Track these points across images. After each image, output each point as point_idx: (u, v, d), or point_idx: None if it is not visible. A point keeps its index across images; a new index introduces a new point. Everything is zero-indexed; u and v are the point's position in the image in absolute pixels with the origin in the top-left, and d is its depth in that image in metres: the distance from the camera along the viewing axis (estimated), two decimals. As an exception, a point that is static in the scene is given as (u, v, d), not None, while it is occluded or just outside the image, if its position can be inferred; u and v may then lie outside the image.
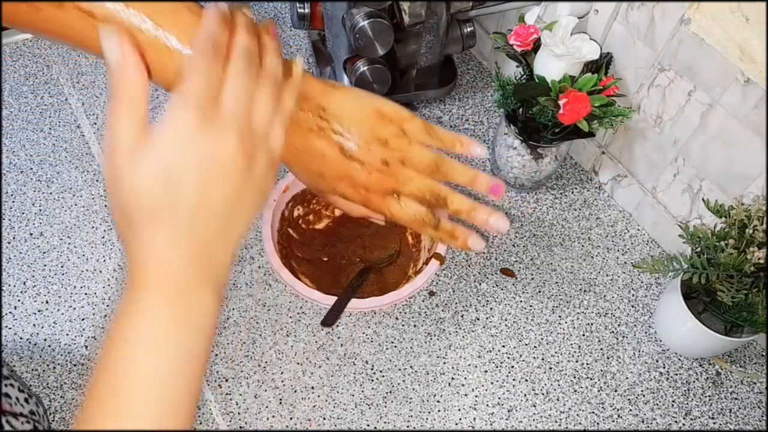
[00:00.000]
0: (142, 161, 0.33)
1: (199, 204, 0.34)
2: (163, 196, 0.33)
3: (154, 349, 0.33)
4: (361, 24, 0.72)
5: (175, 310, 0.34)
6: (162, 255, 0.34)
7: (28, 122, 0.86)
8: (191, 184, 0.33)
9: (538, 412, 0.67)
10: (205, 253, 0.35)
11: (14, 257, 0.74)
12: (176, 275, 0.34)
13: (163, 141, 0.33)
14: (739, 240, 0.59)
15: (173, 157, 0.33)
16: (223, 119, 0.34)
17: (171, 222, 0.33)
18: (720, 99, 0.63)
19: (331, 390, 0.67)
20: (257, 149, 0.36)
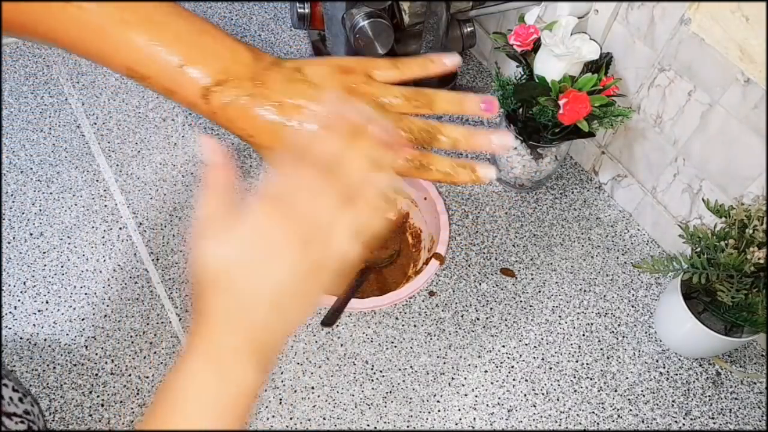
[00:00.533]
0: (221, 237, 0.37)
1: (252, 284, 0.37)
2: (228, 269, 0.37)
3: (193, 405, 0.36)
4: (361, 24, 0.72)
5: (218, 376, 0.37)
6: (213, 325, 0.37)
7: (28, 122, 0.86)
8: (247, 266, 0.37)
9: (538, 412, 0.67)
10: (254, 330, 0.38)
11: (14, 257, 0.74)
12: (222, 345, 0.37)
13: (240, 223, 0.37)
14: (739, 240, 0.59)
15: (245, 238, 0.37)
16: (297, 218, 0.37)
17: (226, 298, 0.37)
18: (720, 99, 0.63)
19: (331, 390, 0.67)
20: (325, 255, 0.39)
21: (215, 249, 0.37)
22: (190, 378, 0.37)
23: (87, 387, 0.66)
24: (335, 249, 0.39)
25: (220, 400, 0.36)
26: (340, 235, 0.39)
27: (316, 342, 0.70)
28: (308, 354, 0.69)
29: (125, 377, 0.66)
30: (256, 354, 0.38)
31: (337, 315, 0.70)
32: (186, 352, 0.37)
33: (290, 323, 0.39)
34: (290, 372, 0.67)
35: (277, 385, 0.67)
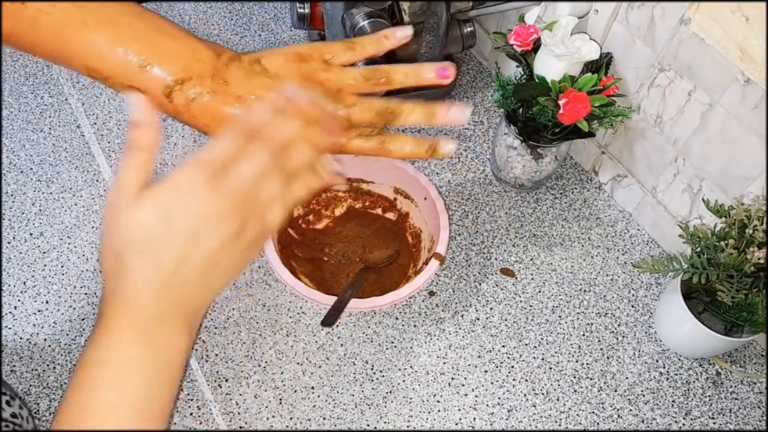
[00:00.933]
0: (146, 200, 0.36)
1: (185, 250, 0.36)
2: (157, 233, 0.36)
3: (122, 376, 0.35)
4: (361, 24, 0.72)
5: (143, 340, 0.36)
6: (140, 286, 0.36)
7: (28, 122, 0.86)
8: (183, 230, 0.36)
9: (538, 412, 0.67)
10: (179, 295, 0.37)
11: (14, 257, 0.74)
12: (148, 307, 0.36)
13: (168, 187, 0.36)
14: (739, 240, 0.59)
15: (174, 203, 0.36)
16: (227, 185, 0.37)
17: (156, 258, 0.36)
18: (720, 99, 0.63)
19: (331, 390, 0.67)
20: (250, 220, 0.38)
21: (138, 213, 0.36)
22: (115, 348, 0.36)
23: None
24: (263, 215, 0.39)
25: (149, 368, 0.36)
26: (268, 200, 0.39)
27: (316, 342, 0.70)
28: (308, 354, 0.69)
29: (125, 377, 0.66)
30: (182, 318, 0.37)
31: (337, 315, 0.70)
32: (107, 321, 0.36)
33: (216, 287, 0.39)
34: (290, 372, 0.67)
35: (277, 385, 0.67)
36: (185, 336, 0.37)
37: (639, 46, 0.69)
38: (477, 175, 0.85)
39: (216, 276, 0.38)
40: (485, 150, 0.87)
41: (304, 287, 0.70)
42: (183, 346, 0.37)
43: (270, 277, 0.74)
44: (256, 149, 0.39)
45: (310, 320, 0.71)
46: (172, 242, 0.36)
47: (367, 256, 0.77)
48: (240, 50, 0.95)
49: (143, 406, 0.36)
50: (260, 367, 0.68)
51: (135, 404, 0.35)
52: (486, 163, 0.86)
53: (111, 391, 0.35)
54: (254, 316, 0.71)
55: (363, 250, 0.78)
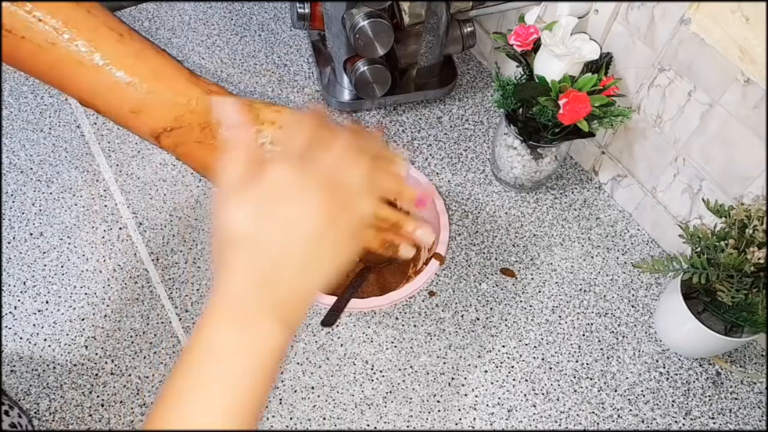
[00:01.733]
0: (243, 197, 0.37)
1: (281, 242, 0.37)
2: (253, 229, 0.37)
3: (221, 365, 0.36)
4: (361, 24, 0.72)
5: (241, 331, 0.37)
6: (239, 281, 0.37)
7: (28, 122, 0.86)
8: (278, 224, 0.37)
9: (538, 412, 0.67)
10: (278, 289, 0.38)
11: (14, 257, 0.74)
12: (248, 302, 0.37)
13: (263, 184, 0.37)
14: (739, 240, 0.59)
15: (268, 198, 0.37)
16: (318, 175, 0.38)
17: (254, 253, 0.37)
18: (720, 99, 0.63)
19: (331, 390, 0.67)
20: (344, 209, 0.39)
21: (238, 208, 0.37)
22: (216, 336, 0.37)
23: (87, 387, 0.66)
24: (352, 203, 0.40)
25: (248, 357, 0.36)
26: (355, 188, 0.40)
27: (316, 342, 0.70)
28: (308, 354, 0.69)
29: (125, 377, 0.66)
30: (281, 312, 0.38)
31: (337, 315, 0.70)
32: (209, 311, 0.37)
33: (314, 283, 0.39)
34: (290, 372, 0.67)
35: (277, 385, 0.67)
36: (281, 332, 0.38)
37: (639, 46, 0.69)
38: (477, 175, 0.85)
39: (313, 267, 0.39)
40: (485, 150, 0.87)
41: (304, 287, 0.69)
42: (278, 342, 0.37)
43: (270, 277, 0.74)
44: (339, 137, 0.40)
45: (310, 320, 0.71)
46: (269, 237, 0.37)
47: (367, 256, 0.77)
48: (240, 51, 0.96)
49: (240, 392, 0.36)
50: (260, 367, 0.68)
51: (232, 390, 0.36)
52: (486, 163, 0.86)
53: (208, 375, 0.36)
54: (254, 316, 0.71)
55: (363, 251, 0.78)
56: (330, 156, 0.39)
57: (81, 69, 0.43)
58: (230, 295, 0.37)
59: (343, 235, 0.39)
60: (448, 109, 0.92)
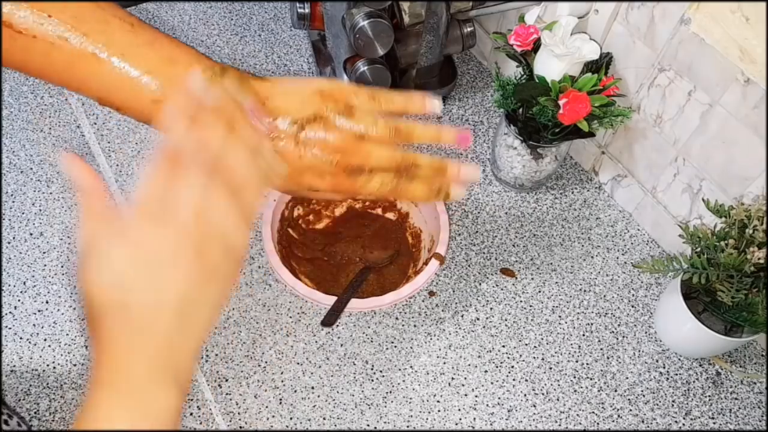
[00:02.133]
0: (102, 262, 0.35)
1: (149, 301, 0.35)
2: (115, 296, 0.34)
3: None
4: (361, 24, 0.72)
5: (131, 408, 0.35)
6: (117, 353, 0.35)
7: (28, 122, 0.86)
8: (139, 284, 0.34)
9: (538, 412, 0.67)
10: (161, 349, 0.35)
11: (14, 257, 0.74)
12: (130, 371, 0.35)
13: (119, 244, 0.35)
14: (739, 240, 0.59)
15: (127, 260, 0.35)
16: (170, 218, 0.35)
17: (124, 319, 0.35)
18: (720, 99, 0.63)
19: (331, 390, 0.67)
20: (208, 242, 0.36)
21: (101, 272, 0.35)
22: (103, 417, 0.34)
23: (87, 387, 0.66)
24: (226, 241, 0.37)
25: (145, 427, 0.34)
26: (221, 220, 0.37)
27: (316, 342, 0.70)
28: (308, 354, 0.69)
29: (125, 377, 0.66)
30: (168, 373, 0.36)
31: (337, 315, 0.70)
32: (92, 387, 0.35)
33: (198, 333, 0.37)
34: (290, 372, 0.67)
35: (277, 385, 0.67)
36: (173, 392, 0.36)
37: (639, 46, 0.69)
38: (477, 175, 0.85)
39: (195, 319, 0.36)
40: (485, 150, 0.87)
41: (304, 287, 0.70)
42: (172, 403, 0.35)
43: (270, 277, 0.74)
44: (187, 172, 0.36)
45: (310, 320, 0.71)
46: (137, 300, 0.34)
47: (367, 256, 0.77)
48: (240, 51, 0.96)
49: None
50: (260, 367, 0.68)
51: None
52: (486, 163, 0.86)
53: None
54: (254, 316, 0.71)
55: (363, 250, 0.78)
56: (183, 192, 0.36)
57: (96, 63, 0.42)
58: (113, 368, 0.35)
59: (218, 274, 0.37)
60: (448, 109, 0.92)
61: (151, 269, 0.35)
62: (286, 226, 0.78)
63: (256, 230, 0.76)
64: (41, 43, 0.42)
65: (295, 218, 0.79)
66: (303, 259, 0.77)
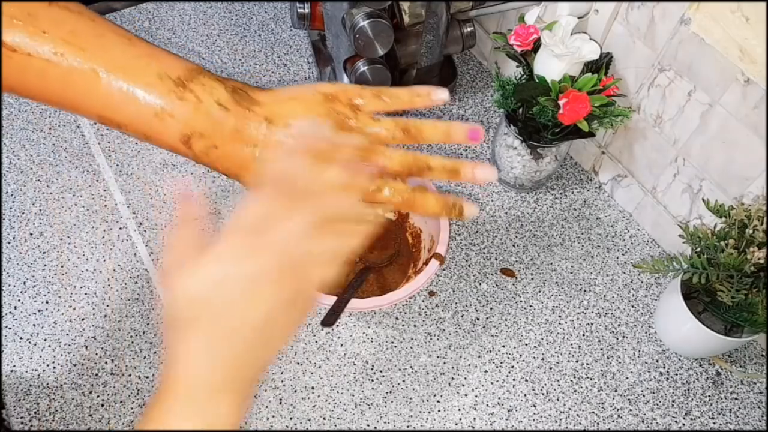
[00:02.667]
0: (193, 276, 0.36)
1: (232, 319, 0.36)
2: (204, 306, 0.36)
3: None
4: (361, 24, 0.72)
5: (193, 414, 0.36)
6: (192, 358, 0.36)
7: (28, 122, 0.86)
8: (230, 299, 0.35)
9: (538, 412, 0.67)
10: (236, 365, 0.37)
11: (14, 257, 0.74)
12: (199, 379, 0.36)
13: (212, 258, 0.36)
14: (739, 240, 0.59)
15: (219, 273, 0.36)
16: (266, 238, 0.36)
17: (207, 330, 0.36)
18: (720, 99, 0.63)
19: (331, 390, 0.67)
20: (299, 270, 0.37)
21: (188, 286, 0.36)
22: (167, 419, 0.35)
23: (87, 387, 0.66)
24: (311, 276, 0.38)
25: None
26: (315, 261, 0.38)
27: (316, 342, 0.70)
28: (308, 354, 0.69)
29: (125, 377, 0.66)
30: (235, 390, 0.37)
31: (337, 315, 0.70)
32: (163, 389, 0.36)
33: (269, 354, 0.39)
34: (290, 372, 0.67)
35: (277, 385, 0.67)
36: (237, 408, 0.37)
37: (639, 46, 0.69)
38: (477, 175, 0.85)
39: (272, 340, 0.38)
40: (485, 150, 0.87)
41: (304, 287, 0.69)
42: (233, 419, 0.37)
43: (270, 277, 0.74)
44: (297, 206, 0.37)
45: (310, 320, 0.71)
46: (221, 313, 0.35)
47: (367, 256, 0.77)
48: (240, 51, 0.96)
49: None
50: (260, 367, 0.68)
51: None
52: (486, 162, 0.86)
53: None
54: (254, 316, 0.71)
55: (363, 250, 0.78)
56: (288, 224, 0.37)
57: (95, 79, 0.41)
58: (185, 376, 0.36)
59: (298, 309, 0.38)
60: (448, 109, 0.92)
61: (242, 286, 0.36)
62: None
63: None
64: (37, 61, 0.41)
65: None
66: (303, 259, 0.77)
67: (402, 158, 0.46)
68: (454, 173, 0.48)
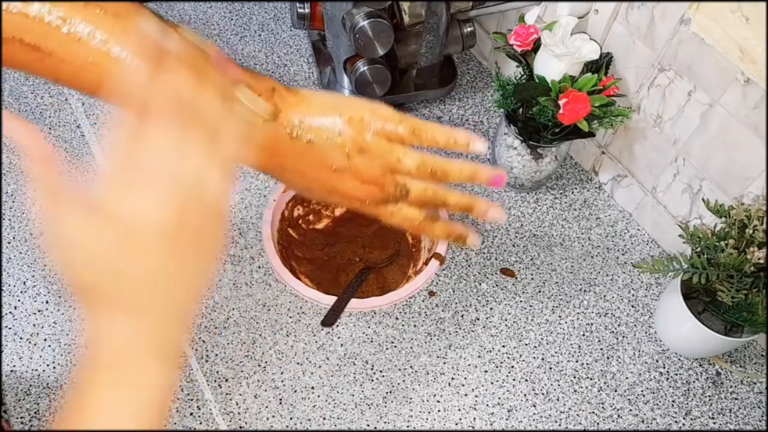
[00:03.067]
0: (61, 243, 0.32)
1: (128, 277, 0.32)
2: (86, 275, 0.32)
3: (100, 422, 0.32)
4: (361, 24, 0.72)
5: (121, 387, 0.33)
6: (102, 333, 0.33)
7: (28, 122, 0.86)
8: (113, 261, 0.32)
9: (538, 412, 0.67)
10: (148, 325, 0.34)
11: (14, 257, 0.74)
12: (118, 351, 0.33)
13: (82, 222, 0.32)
14: (739, 240, 0.59)
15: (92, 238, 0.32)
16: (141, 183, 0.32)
17: (105, 300, 0.32)
18: (720, 99, 0.63)
19: (331, 390, 0.67)
20: (187, 205, 0.33)
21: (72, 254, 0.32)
22: (95, 396, 0.33)
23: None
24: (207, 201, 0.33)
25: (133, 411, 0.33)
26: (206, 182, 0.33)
27: (316, 342, 0.70)
28: (308, 354, 0.69)
29: (125, 377, 0.66)
30: (155, 349, 0.34)
31: (337, 315, 0.70)
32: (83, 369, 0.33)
33: (184, 304, 0.35)
34: (290, 372, 0.67)
35: (277, 385, 0.67)
36: (163, 367, 0.34)
37: (639, 46, 0.69)
38: (477, 175, 0.85)
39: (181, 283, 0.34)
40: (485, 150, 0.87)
41: (304, 287, 0.70)
42: (163, 379, 0.34)
43: (270, 277, 0.74)
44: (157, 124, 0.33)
45: (310, 320, 0.71)
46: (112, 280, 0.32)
47: (367, 256, 0.77)
48: (240, 51, 0.96)
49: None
50: (260, 367, 0.68)
51: None
52: (486, 163, 0.86)
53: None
54: (254, 316, 0.71)
55: (363, 250, 0.78)
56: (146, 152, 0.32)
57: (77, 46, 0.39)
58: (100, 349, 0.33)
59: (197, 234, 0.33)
60: (448, 109, 0.92)
61: (125, 245, 0.32)
62: (287, 226, 0.78)
63: (256, 230, 0.76)
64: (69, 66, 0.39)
65: (296, 218, 0.79)
66: (303, 259, 0.77)
67: (421, 193, 0.47)
68: (467, 210, 0.50)
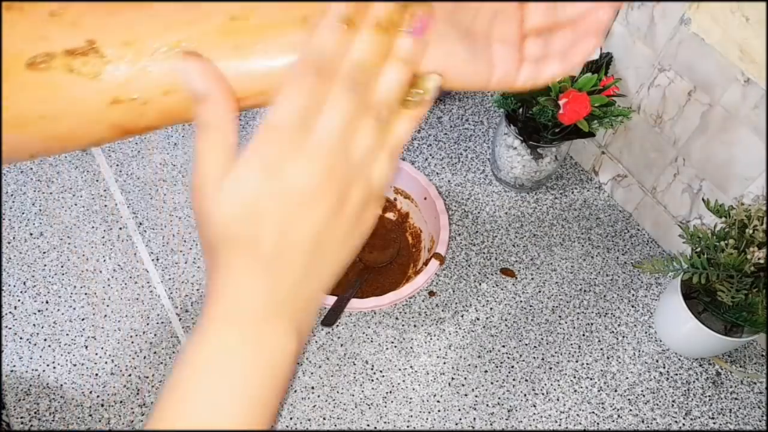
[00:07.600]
0: (227, 191, 0.31)
1: (281, 237, 0.31)
2: (246, 227, 0.31)
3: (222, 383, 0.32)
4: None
5: (246, 343, 0.32)
6: (239, 285, 0.32)
7: (28, 122, 0.86)
8: (274, 217, 0.31)
9: (538, 412, 0.67)
10: (286, 289, 0.32)
11: (14, 257, 0.74)
12: (252, 306, 0.32)
13: (247, 171, 0.30)
14: (739, 240, 0.59)
15: (257, 188, 0.30)
16: (313, 149, 0.30)
17: (252, 253, 0.31)
18: (720, 99, 0.63)
19: (331, 390, 0.67)
20: (352, 184, 0.32)
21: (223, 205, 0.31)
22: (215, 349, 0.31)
23: (87, 387, 0.66)
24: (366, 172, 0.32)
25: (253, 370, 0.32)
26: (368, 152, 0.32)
27: (316, 342, 0.70)
28: (308, 354, 0.69)
29: (125, 377, 0.66)
30: (289, 317, 0.33)
31: (337, 315, 0.70)
32: (207, 320, 0.32)
33: (324, 278, 0.34)
34: (290, 372, 0.67)
35: (277, 385, 0.67)
36: (292, 337, 0.33)
37: (639, 46, 0.69)
38: (477, 175, 0.85)
39: (323, 262, 0.33)
40: (485, 150, 0.87)
41: (304, 287, 0.69)
42: (290, 348, 0.33)
43: (270, 277, 0.74)
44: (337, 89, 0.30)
45: (310, 320, 0.71)
46: (263, 234, 0.31)
47: (367, 256, 0.77)
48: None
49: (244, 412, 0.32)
50: (260, 367, 0.68)
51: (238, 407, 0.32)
52: (486, 163, 0.86)
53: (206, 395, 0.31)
54: (254, 316, 0.71)
55: (363, 250, 0.78)
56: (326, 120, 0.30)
57: None
58: (229, 300, 0.32)
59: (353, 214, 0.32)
60: (448, 109, 0.92)
61: (288, 203, 0.30)
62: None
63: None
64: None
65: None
66: (303, 259, 0.77)
67: None
68: None
